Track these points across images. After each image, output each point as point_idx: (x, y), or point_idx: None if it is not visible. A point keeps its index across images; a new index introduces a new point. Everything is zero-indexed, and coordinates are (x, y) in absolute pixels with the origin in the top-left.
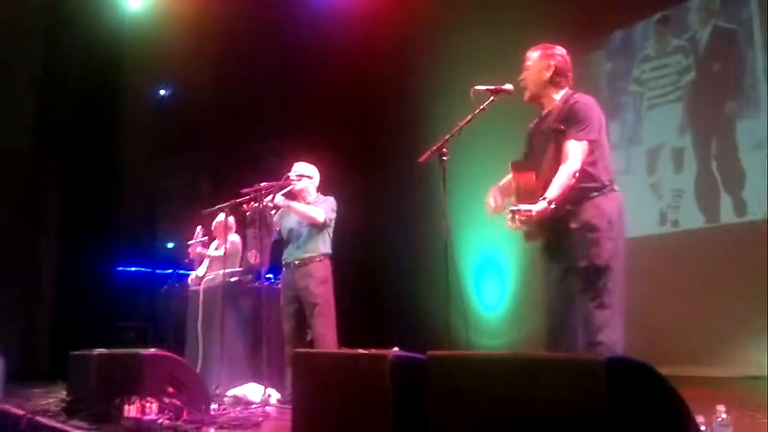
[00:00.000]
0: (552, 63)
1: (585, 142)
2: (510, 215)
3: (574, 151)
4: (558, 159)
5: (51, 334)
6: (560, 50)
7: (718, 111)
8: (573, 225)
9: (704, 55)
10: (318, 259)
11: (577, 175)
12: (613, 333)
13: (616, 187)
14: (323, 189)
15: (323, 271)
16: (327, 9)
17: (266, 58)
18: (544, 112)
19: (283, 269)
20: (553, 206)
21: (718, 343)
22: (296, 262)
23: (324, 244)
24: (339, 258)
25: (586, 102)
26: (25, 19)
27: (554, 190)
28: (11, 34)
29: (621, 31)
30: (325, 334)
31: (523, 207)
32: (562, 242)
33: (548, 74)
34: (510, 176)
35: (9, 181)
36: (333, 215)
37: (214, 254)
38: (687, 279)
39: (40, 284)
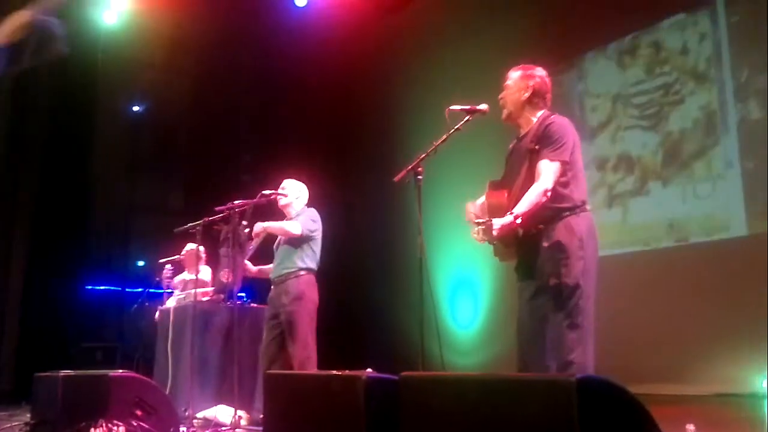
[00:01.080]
0: (531, 84)
1: (558, 163)
2: (475, 227)
3: (547, 171)
4: (531, 178)
5: (16, 354)
6: (540, 72)
7: (692, 134)
8: (544, 243)
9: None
10: (294, 274)
11: (549, 194)
12: (584, 353)
13: (588, 207)
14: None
15: (299, 286)
16: (305, 25)
17: (242, 74)
18: (522, 132)
19: (272, 285)
20: (518, 221)
21: (688, 360)
22: (275, 279)
23: (302, 259)
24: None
25: (561, 123)
26: None
27: (522, 206)
28: None
29: (593, 51)
30: (297, 354)
31: (494, 220)
32: (534, 261)
33: (526, 95)
34: (482, 199)
35: None
36: (313, 226)
37: (184, 279)
38: (658, 297)
39: (6, 301)
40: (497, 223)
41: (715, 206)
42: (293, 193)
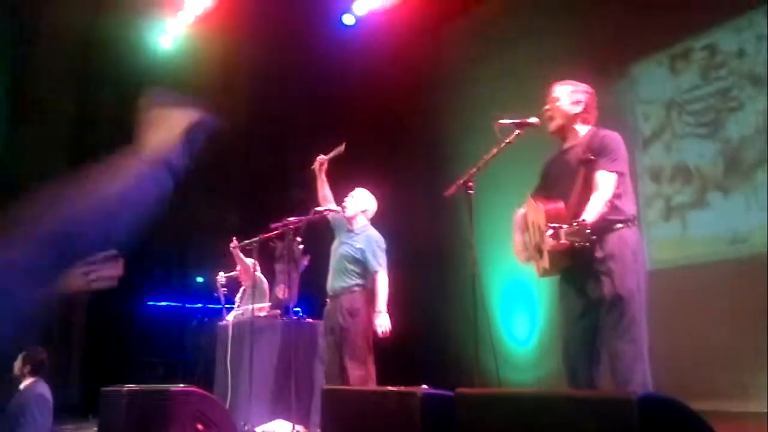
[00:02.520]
0: (582, 99)
1: (615, 174)
2: (552, 232)
3: (606, 182)
4: (588, 188)
5: (82, 369)
6: (589, 88)
7: (752, 141)
8: (598, 255)
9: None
10: (350, 290)
11: (609, 205)
12: (643, 369)
13: (637, 222)
14: None
15: (354, 302)
16: (353, 43)
17: (294, 94)
18: (567, 145)
19: (327, 299)
20: (588, 230)
21: (753, 376)
22: (331, 293)
23: (358, 275)
24: None
25: (615, 136)
26: (58, 61)
27: (591, 215)
28: (46, 79)
29: (644, 57)
30: (354, 371)
31: (564, 226)
32: (585, 274)
33: (578, 109)
34: (522, 211)
35: None
36: (384, 257)
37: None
38: (720, 311)
39: (73, 317)
40: (567, 227)
41: None
42: (359, 204)
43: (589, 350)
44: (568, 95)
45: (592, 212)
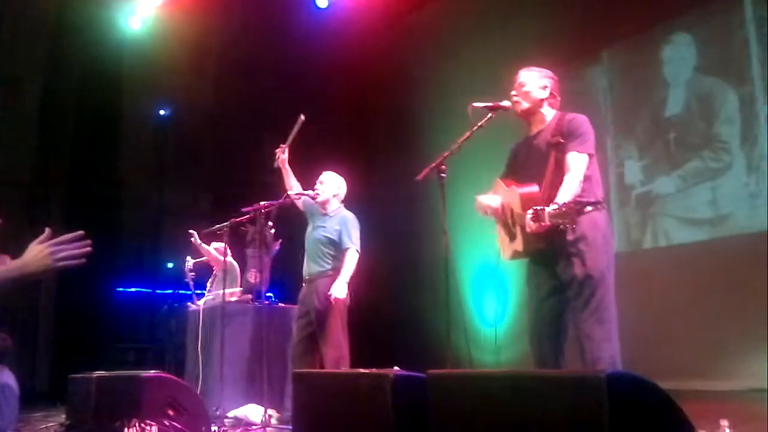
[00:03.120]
0: (548, 84)
1: (586, 155)
2: (532, 214)
3: (577, 163)
4: (559, 171)
5: (51, 356)
6: (553, 74)
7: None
8: (569, 237)
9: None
10: (325, 274)
11: (581, 185)
12: (612, 348)
13: (605, 205)
14: None
15: (329, 286)
16: (326, 26)
17: (265, 76)
18: (534, 130)
19: (303, 284)
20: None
21: (720, 355)
22: (306, 277)
23: (334, 259)
24: None
25: (584, 118)
26: (26, 41)
27: (565, 196)
28: (13, 55)
29: (617, 44)
30: (329, 353)
31: (546, 209)
32: (557, 255)
33: (545, 93)
34: (492, 192)
35: (9, 199)
36: (357, 236)
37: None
38: (688, 291)
39: (40, 304)
40: (550, 208)
41: (748, 201)
42: (331, 188)
43: (557, 331)
44: (534, 80)
45: (567, 193)
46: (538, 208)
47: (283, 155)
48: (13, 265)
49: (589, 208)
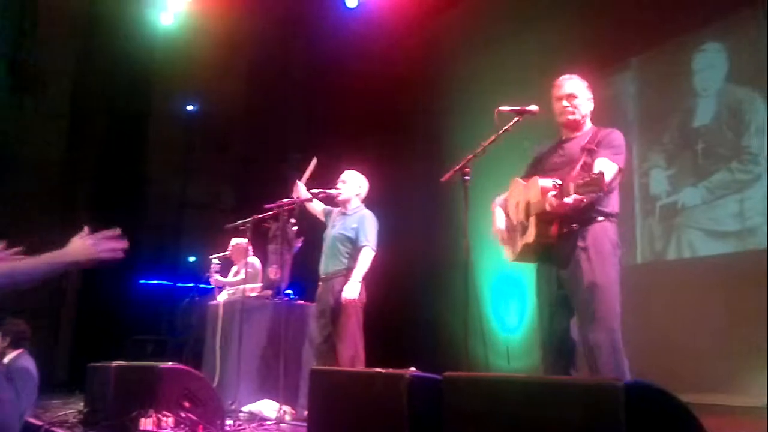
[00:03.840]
0: (591, 97)
1: (616, 166)
2: (557, 190)
3: (607, 166)
4: (585, 173)
5: (71, 345)
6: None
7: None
8: (579, 243)
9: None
10: (342, 273)
11: (606, 189)
12: (621, 357)
13: (617, 219)
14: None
15: (345, 284)
16: (355, 25)
17: (293, 75)
18: (569, 136)
19: (320, 282)
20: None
21: (739, 370)
22: (323, 275)
23: (351, 258)
24: None
25: (620, 134)
26: (59, 36)
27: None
28: (45, 50)
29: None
30: (345, 353)
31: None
32: (566, 263)
33: (592, 105)
34: (509, 190)
35: (39, 192)
36: (374, 234)
37: (233, 280)
38: (712, 304)
39: (64, 294)
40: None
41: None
42: (353, 187)
43: (567, 340)
44: (584, 92)
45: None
46: (559, 182)
47: (299, 194)
48: (58, 254)
49: (601, 218)
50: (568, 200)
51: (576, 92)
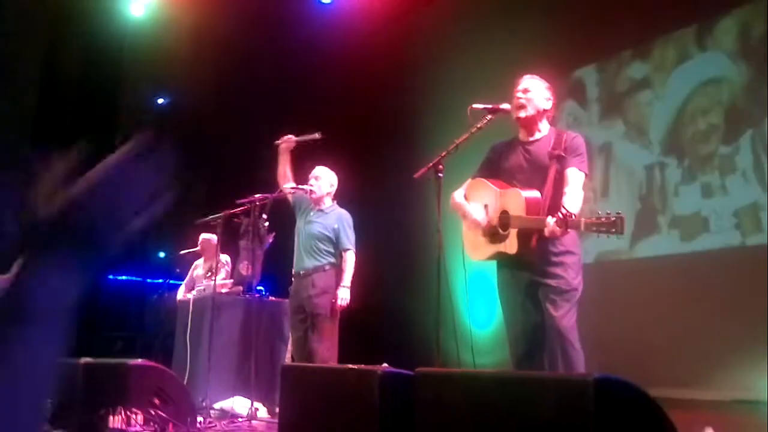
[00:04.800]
0: (551, 97)
1: (584, 174)
2: (558, 217)
3: (578, 179)
4: (558, 183)
5: None
6: (552, 87)
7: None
8: (552, 248)
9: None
10: (322, 269)
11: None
12: (581, 352)
13: None
14: None
15: (326, 280)
16: (328, 21)
17: (264, 69)
18: (530, 137)
19: (293, 278)
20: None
21: (707, 365)
22: (299, 272)
23: (329, 254)
24: None
25: (583, 139)
26: (26, 23)
27: (575, 209)
28: (11, 37)
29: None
30: (321, 348)
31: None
32: (540, 264)
33: (549, 105)
34: (468, 189)
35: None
36: (353, 235)
37: (201, 274)
38: (677, 301)
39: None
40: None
41: (741, 211)
42: (325, 184)
43: (538, 338)
44: (540, 90)
45: (575, 206)
46: (565, 212)
47: (286, 144)
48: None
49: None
50: (570, 229)
51: (530, 87)
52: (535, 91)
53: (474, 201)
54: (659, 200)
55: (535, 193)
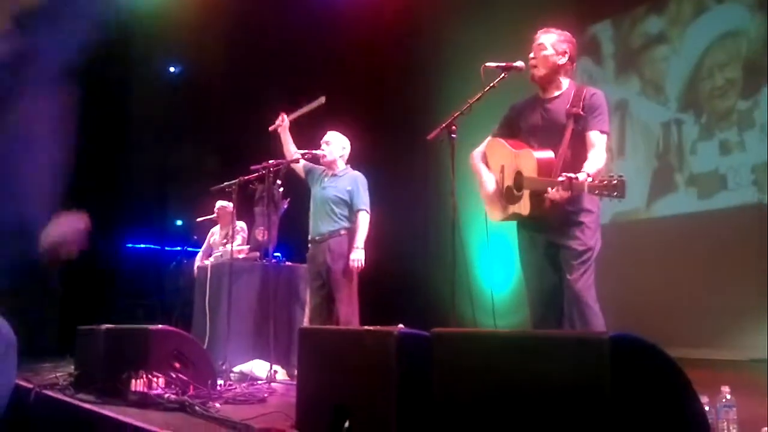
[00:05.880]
0: (567, 49)
1: (606, 135)
2: (565, 182)
3: (601, 143)
4: (578, 141)
5: (61, 310)
6: (572, 38)
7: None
8: (570, 208)
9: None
10: (337, 233)
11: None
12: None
13: None
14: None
15: (343, 245)
16: None
17: (276, 35)
18: (547, 95)
19: (310, 244)
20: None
21: (723, 325)
22: (316, 237)
23: (345, 218)
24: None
25: (603, 95)
26: None
27: (593, 169)
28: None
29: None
30: (343, 311)
31: (579, 175)
32: (556, 223)
33: (564, 59)
34: (486, 149)
35: None
36: (367, 196)
37: (218, 240)
38: (695, 260)
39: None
40: (581, 177)
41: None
42: (337, 148)
43: (557, 301)
44: (553, 45)
45: (593, 167)
46: (571, 175)
47: (283, 123)
48: None
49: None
50: (576, 192)
51: (545, 43)
52: (549, 48)
53: (492, 160)
54: (676, 158)
55: (548, 154)
